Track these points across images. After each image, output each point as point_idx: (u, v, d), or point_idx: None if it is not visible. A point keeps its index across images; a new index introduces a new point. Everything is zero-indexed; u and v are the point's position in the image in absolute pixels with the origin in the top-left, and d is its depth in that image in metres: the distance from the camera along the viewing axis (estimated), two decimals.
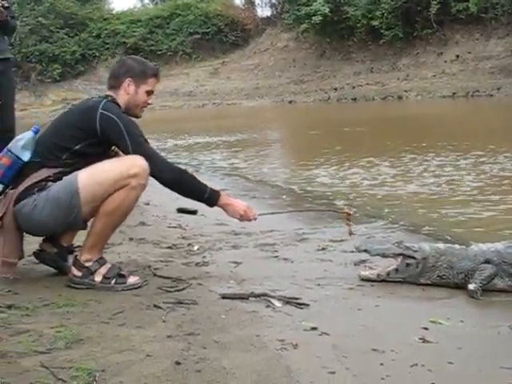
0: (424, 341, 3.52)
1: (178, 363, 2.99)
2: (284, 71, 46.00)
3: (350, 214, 5.03)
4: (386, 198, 8.49)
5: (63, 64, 52.33)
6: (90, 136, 4.21)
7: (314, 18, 41.87)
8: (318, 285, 4.58)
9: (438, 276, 4.59)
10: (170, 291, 4.17)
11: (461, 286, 4.56)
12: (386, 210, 7.73)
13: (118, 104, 4.39)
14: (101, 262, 4.31)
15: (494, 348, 3.55)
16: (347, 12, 41.39)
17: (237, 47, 51.93)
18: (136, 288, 4.27)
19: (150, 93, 4.55)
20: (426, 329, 3.70)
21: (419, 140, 15.08)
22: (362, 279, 4.69)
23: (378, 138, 17.11)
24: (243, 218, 4.60)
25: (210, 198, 4.47)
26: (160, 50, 52.36)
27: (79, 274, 4.26)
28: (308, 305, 4.02)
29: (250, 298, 4.08)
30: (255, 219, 4.67)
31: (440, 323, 3.85)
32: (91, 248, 4.27)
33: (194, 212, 7.35)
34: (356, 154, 12.95)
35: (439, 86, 36.66)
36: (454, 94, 35.37)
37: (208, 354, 3.12)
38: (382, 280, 4.64)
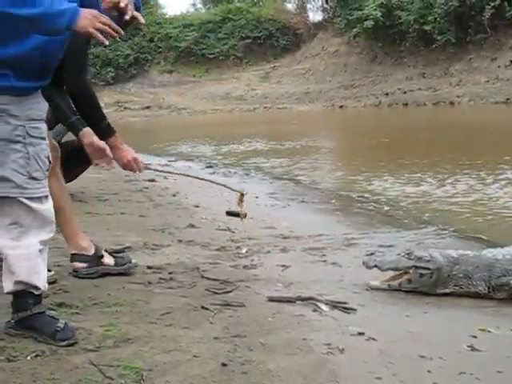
0: (473, 349, 3.47)
1: (224, 365, 3.01)
2: (335, 76, 45.93)
3: (242, 195, 4.97)
4: (436, 204, 8.40)
5: (117, 67, 53.11)
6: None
7: (365, 22, 41.78)
8: (366, 290, 4.54)
9: (456, 285, 4.48)
10: (218, 293, 4.18)
11: (484, 297, 4.47)
12: (436, 217, 7.65)
13: None
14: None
15: None
16: (399, 17, 41.17)
17: (288, 52, 52.04)
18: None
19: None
20: (474, 337, 3.64)
21: (471, 150, 14.91)
22: (372, 288, 4.58)
23: (431, 146, 16.90)
24: (127, 166, 4.38)
25: (106, 129, 4.25)
26: (212, 54, 52.78)
27: (84, 265, 4.41)
28: (355, 309, 4.00)
29: (297, 302, 4.07)
30: (140, 171, 4.50)
31: (489, 331, 3.78)
32: (74, 237, 4.41)
33: (237, 214, 7.41)
34: (409, 163, 12.82)
35: (492, 92, 36.17)
36: (508, 99, 34.84)
37: (254, 357, 3.13)
38: (393, 290, 4.54)
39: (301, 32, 52.54)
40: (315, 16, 55.49)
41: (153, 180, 10.05)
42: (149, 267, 4.77)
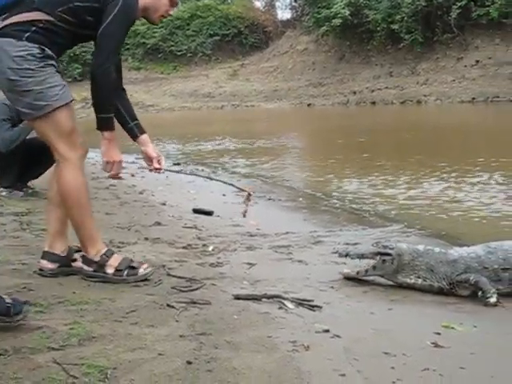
0: (436, 345, 3.50)
1: (189, 363, 3.00)
2: (303, 74, 46.03)
3: (250, 195, 5.05)
4: (403, 203, 8.46)
5: (83, 63, 52.58)
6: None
7: (334, 20, 41.92)
8: (332, 287, 4.58)
9: (418, 277, 4.63)
10: (184, 291, 4.17)
11: (446, 293, 4.61)
12: (402, 215, 7.71)
13: None
14: (108, 253, 4.34)
15: (506, 354, 3.53)
16: (367, 15, 41.38)
17: (256, 49, 52.06)
18: (148, 276, 4.34)
19: (173, 3, 4.39)
20: (438, 333, 3.69)
21: (438, 151, 15.05)
22: (345, 277, 4.79)
23: (399, 147, 17.01)
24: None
25: (106, 124, 4.22)
26: (180, 51, 52.61)
27: (90, 269, 4.31)
28: (321, 307, 4.02)
29: (263, 300, 4.08)
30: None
31: (453, 328, 3.83)
32: (89, 241, 4.29)
33: (209, 213, 7.42)
34: (377, 162, 12.89)
35: (458, 91, 36.53)
36: (474, 99, 35.23)
37: (219, 354, 3.13)
38: (362, 277, 4.76)
39: (269, 30, 52.58)
40: (284, 14, 55.78)
41: (119, 177, 9.96)
42: None
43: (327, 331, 3.57)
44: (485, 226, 6.99)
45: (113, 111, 4.18)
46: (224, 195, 8.46)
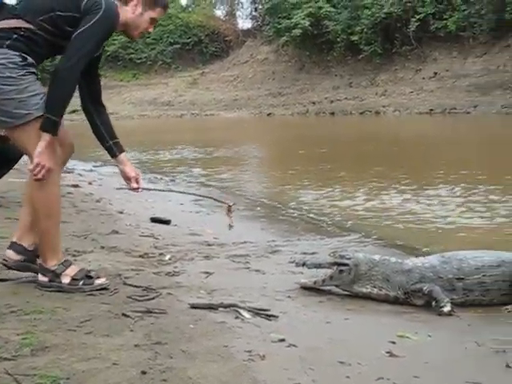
0: (391, 355, 3.53)
1: (143, 372, 2.97)
2: (263, 83, 46.20)
3: (230, 206, 5.11)
4: (361, 214, 8.51)
5: (42, 70, 51.85)
6: (74, 9, 4.09)
7: (294, 31, 42.21)
8: (289, 297, 4.59)
9: (374, 286, 4.67)
10: (140, 300, 4.14)
11: (402, 302, 4.65)
12: (360, 225, 7.76)
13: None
14: (66, 264, 4.30)
15: (460, 363, 3.57)
16: (327, 26, 41.69)
17: (217, 58, 52.14)
18: (103, 289, 4.29)
19: (153, 21, 4.43)
20: (393, 343, 3.71)
21: (396, 162, 15.20)
22: (302, 287, 4.79)
23: (358, 158, 17.12)
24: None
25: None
26: (139, 59, 52.47)
27: (46, 279, 4.25)
28: (277, 316, 4.02)
29: (220, 309, 4.07)
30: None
31: (408, 337, 3.86)
32: (50, 252, 4.25)
33: (167, 222, 7.39)
34: (336, 173, 12.96)
35: (417, 103, 37.01)
36: (431, 110, 35.71)
37: (174, 364, 3.11)
38: (319, 287, 4.78)
39: (230, 39, 52.71)
40: (244, 23, 55.93)
41: (76, 185, 9.90)
42: None
43: (283, 340, 3.57)
44: (440, 237, 7.07)
45: (62, 116, 4.10)
46: (182, 204, 8.45)
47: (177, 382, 2.91)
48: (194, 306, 4.07)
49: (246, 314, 4.00)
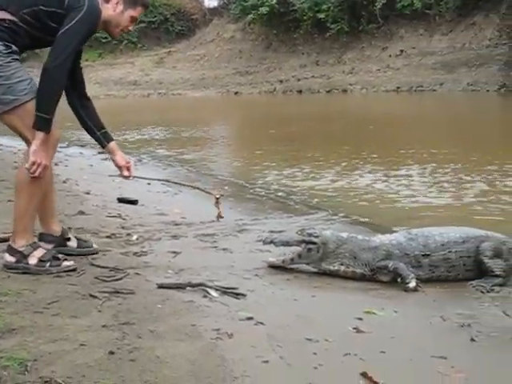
0: (358, 331, 3.57)
1: (111, 353, 2.98)
2: (230, 62, 45.99)
3: (218, 198, 5.15)
4: (328, 192, 8.54)
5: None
6: (57, 5, 4.18)
7: (260, 9, 42.03)
8: (256, 275, 4.61)
9: (342, 264, 4.71)
10: (107, 281, 4.14)
11: (369, 279, 4.70)
12: (327, 203, 7.79)
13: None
14: (34, 246, 4.34)
15: (425, 337, 3.62)
16: (294, 4, 41.54)
17: (183, 37, 51.72)
18: (71, 270, 4.31)
19: (133, 19, 4.53)
20: (360, 319, 3.75)
21: (364, 141, 15.25)
22: (270, 266, 4.80)
23: (326, 136, 17.13)
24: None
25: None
26: (105, 38, 51.54)
27: (13, 259, 4.27)
28: (245, 295, 4.04)
29: (187, 288, 4.07)
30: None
31: (374, 313, 3.90)
32: (22, 232, 4.30)
33: (134, 202, 7.36)
34: (304, 151, 12.97)
35: (383, 81, 37.13)
36: (398, 88, 35.88)
37: (142, 344, 3.12)
38: (288, 266, 4.79)
39: (196, 17, 52.29)
40: (210, 2, 55.27)
41: None
42: None
43: (251, 318, 3.59)
44: (407, 214, 7.13)
45: (54, 114, 4.18)
46: (149, 184, 8.41)
47: (145, 362, 2.92)
48: (161, 286, 4.08)
49: (214, 293, 4.02)
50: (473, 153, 11.48)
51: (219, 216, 5.13)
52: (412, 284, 4.49)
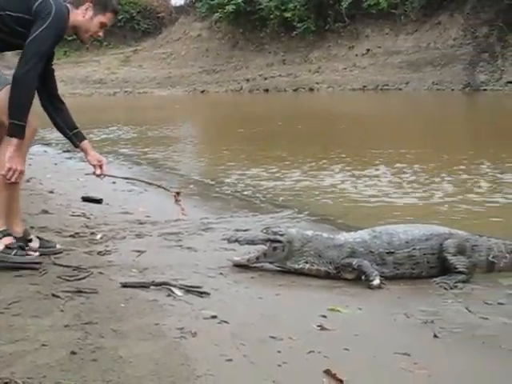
0: (322, 328, 3.57)
1: (73, 353, 2.95)
2: (197, 61, 45.89)
3: (178, 194, 5.11)
4: (293, 191, 8.54)
5: None
6: (25, 10, 4.24)
7: (227, 7, 42.01)
8: (221, 274, 4.59)
9: (306, 262, 4.72)
10: (70, 280, 4.10)
11: (333, 277, 4.71)
12: (293, 201, 7.80)
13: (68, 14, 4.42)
14: (4, 232, 4.37)
15: (389, 334, 3.64)
16: (260, 3, 41.56)
17: (149, 35, 51.51)
18: (35, 263, 4.33)
19: (103, 25, 4.61)
20: (324, 317, 3.76)
21: (329, 138, 15.30)
22: (235, 265, 4.79)
23: (292, 135, 17.13)
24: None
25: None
26: (71, 36, 51.24)
27: None
28: (209, 293, 4.03)
29: (151, 287, 4.05)
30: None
31: (338, 311, 3.91)
32: None
33: (99, 201, 7.31)
34: (270, 151, 12.96)
35: (350, 79, 37.32)
36: (364, 87, 36.09)
37: (105, 343, 3.09)
38: (253, 265, 4.78)
39: (162, 16, 52.08)
40: (177, 0, 55.10)
41: None
42: None
43: (215, 317, 3.58)
44: (372, 212, 7.16)
45: (26, 120, 4.23)
46: (114, 183, 8.35)
47: (107, 362, 2.90)
48: (125, 285, 4.05)
49: (178, 292, 4.00)
50: (440, 152, 11.56)
51: (182, 213, 5.08)
52: (376, 281, 4.51)
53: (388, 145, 12.84)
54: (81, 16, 4.49)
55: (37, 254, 4.44)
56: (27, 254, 4.37)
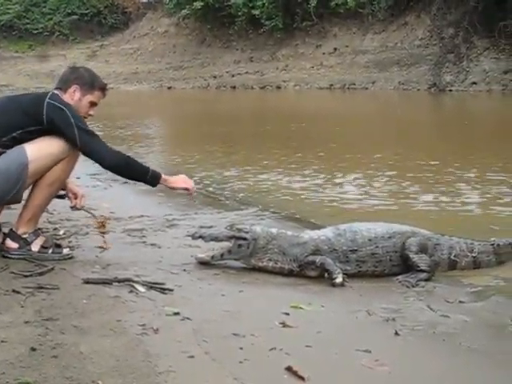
0: (284, 325, 3.59)
1: (33, 349, 2.93)
2: (164, 57, 45.67)
3: (103, 224, 5.02)
4: (259, 188, 8.55)
5: None
6: (36, 123, 4.37)
7: (195, 3, 41.74)
8: (184, 270, 4.59)
9: (270, 260, 4.73)
10: (31, 276, 4.06)
11: (297, 275, 4.72)
12: (258, 198, 7.80)
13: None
14: (36, 233, 4.50)
15: (351, 332, 3.67)
16: (229, 0, 41.47)
17: (116, 30, 51.12)
18: (70, 258, 4.55)
19: (93, 104, 4.73)
20: (287, 314, 3.77)
21: (296, 136, 15.33)
22: (199, 262, 4.78)
23: (254, 133, 17.13)
24: (187, 184, 4.95)
25: (153, 178, 4.75)
26: (36, 30, 50.79)
27: (16, 245, 4.40)
28: (172, 290, 4.02)
29: (114, 283, 4.04)
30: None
31: (301, 308, 3.93)
32: (30, 220, 4.49)
33: (62, 196, 7.22)
34: (235, 148, 12.98)
35: (317, 78, 37.37)
36: (331, 85, 36.16)
37: (66, 340, 3.08)
38: (217, 262, 4.77)
39: (129, 11, 51.68)
40: None
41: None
42: None
43: (177, 314, 3.59)
44: (337, 210, 7.19)
45: (147, 170, 4.75)
46: (78, 178, 8.28)
47: (68, 358, 2.88)
48: (87, 281, 4.04)
49: (141, 288, 3.99)
50: (407, 152, 11.63)
51: (103, 247, 4.81)
52: (339, 279, 4.53)
53: (355, 144, 12.92)
54: (69, 99, 4.59)
55: (68, 249, 4.70)
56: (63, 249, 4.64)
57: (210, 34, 44.35)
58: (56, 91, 4.62)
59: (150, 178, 4.70)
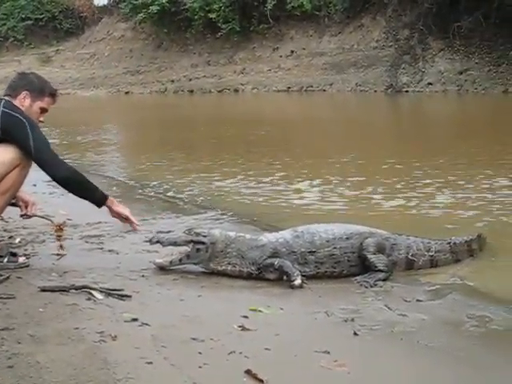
0: (243, 329, 3.59)
1: None
2: (120, 61, 45.40)
3: (60, 228, 5.01)
4: (217, 193, 8.53)
5: None
6: None
7: (151, 7, 41.61)
8: (143, 276, 4.57)
9: (229, 263, 4.73)
10: None
11: (256, 278, 4.72)
12: (216, 202, 7.79)
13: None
14: None
15: (310, 333, 3.69)
16: (185, 3, 41.38)
17: (72, 35, 50.70)
18: (26, 266, 4.48)
19: (43, 110, 4.69)
20: (246, 317, 3.78)
21: (256, 140, 15.38)
22: (158, 267, 4.76)
23: (212, 138, 17.08)
24: (127, 221, 4.86)
25: (101, 198, 4.71)
26: None
27: None
28: (130, 296, 4.00)
29: (71, 291, 4.00)
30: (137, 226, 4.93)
31: (260, 311, 3.94)
32: None
33: (15, 204, 7.12)
34: (194, 153, 12.95)
35: (274, 81, 37.49)
36: (289, 88, 36.31)
37: (22, 349, 3.04)
38: (175, 266, 4.76)
39: (85, 15, 51.30)
40: (100, 0, 54.35)
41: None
42: None
43: (136, 320, 3.57)
44: (294, 213, 7.20)
45: (94, 188, 4.70)
46: (34, 185, 8.19)
47: (24, 368, 2.85)
48: (44, 289, 4.00)
49: (98, 295, 3.96)
50: (365, 153, 11.71)
51: (59, 253, 4.78)
52: (297, 281, 4.54)
53: (315, 148, 12.94)
54: (19, 106, 4.54)
55: (24, 258, 4.65)
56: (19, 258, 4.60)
57: (167, 38, 44.21)
58: (7, 98, 4.57)
59: (98, 197, 4.68)
